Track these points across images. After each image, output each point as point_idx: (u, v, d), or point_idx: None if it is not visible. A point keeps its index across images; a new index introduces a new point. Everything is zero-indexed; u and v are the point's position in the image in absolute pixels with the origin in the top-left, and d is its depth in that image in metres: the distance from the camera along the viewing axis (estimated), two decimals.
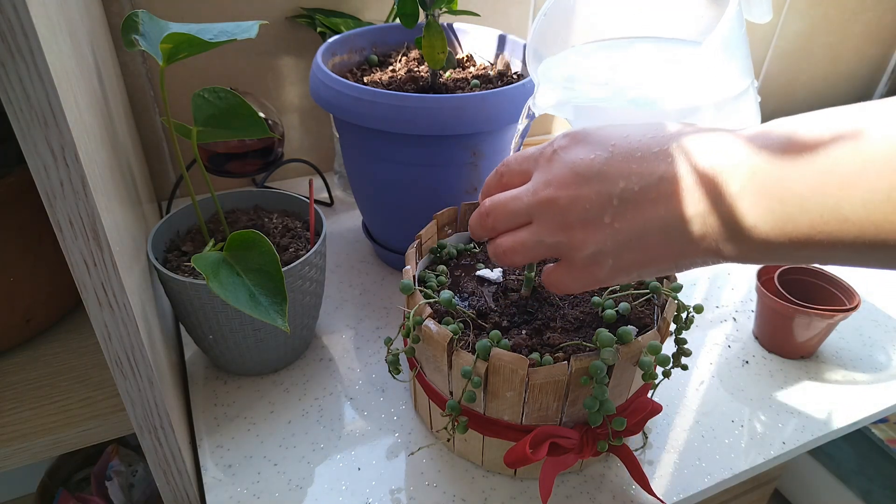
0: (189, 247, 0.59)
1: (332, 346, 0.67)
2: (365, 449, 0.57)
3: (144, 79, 0.80)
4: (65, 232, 0.34)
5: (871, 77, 1.47)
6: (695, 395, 0.64)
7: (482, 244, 0.62)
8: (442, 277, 0.56)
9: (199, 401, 0.61)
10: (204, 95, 0.50)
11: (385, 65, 0.76)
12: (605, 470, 0.56)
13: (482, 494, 0.53)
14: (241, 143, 0.76)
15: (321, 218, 0.61)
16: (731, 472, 0.56)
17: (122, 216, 0.44)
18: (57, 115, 0.31)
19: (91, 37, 0.51)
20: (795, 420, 0.61)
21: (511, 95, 0.62)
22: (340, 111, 0.62)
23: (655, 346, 0.47)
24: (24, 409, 0.49)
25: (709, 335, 0.71)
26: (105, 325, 0.38)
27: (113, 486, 0.81)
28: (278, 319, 0.46)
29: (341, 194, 0.94)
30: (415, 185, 0.67)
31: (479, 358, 0.46)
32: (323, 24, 0.81)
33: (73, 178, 0.32)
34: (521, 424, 0.50)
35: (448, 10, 0.71)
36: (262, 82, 0.87)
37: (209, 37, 0.46)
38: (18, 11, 0.28)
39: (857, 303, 0.65)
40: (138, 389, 0.42)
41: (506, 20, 0.98)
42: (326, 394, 0.62)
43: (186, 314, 0.56)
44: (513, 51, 0.75)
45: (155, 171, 0.87)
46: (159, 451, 0.47)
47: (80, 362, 0.54)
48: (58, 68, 0.31)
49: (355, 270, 0.79)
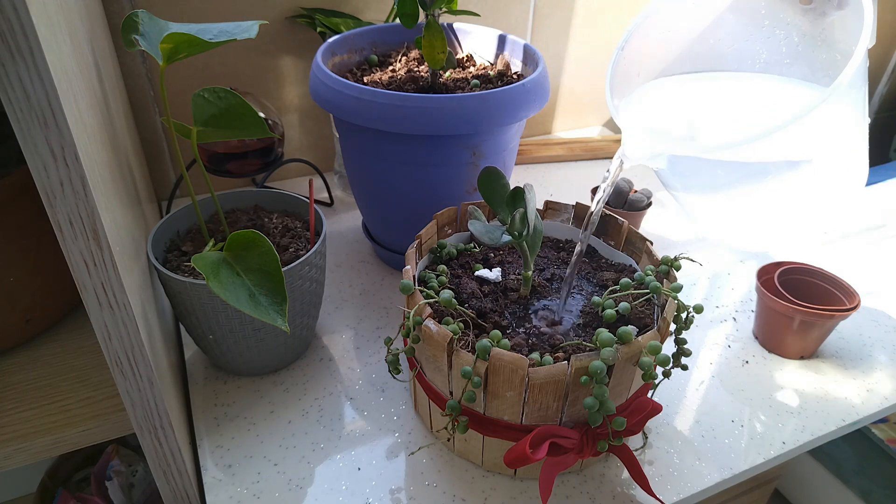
0: (189, 247, 0.59)
1: (332, 346, 0.67)
2: (365, 449, 0.57)
3: (144, 79, 0.80)
4: (65, 232, 0.34)
5: (870, 77, 1.47)
6: (695, 395, 0.64)
7: (482, 244, 0.62)
8: (442, 277, 0.56)
9: (199, 401, 0.61)
10: (204, 95, 0.50)
11: (385, 65, 0.76)
12: (605, 470, 0.56)
13: (482, 494, 0.53)
14: (241, 143, 0.76)
15: (321, 218, 0.61)
16: (731, 472, 0.56)
17: (122, 216, 0.44)
18: (57, 115, 0.31)
19: (91, 37, 0.51)
20: (795, 420, 0.61)
21: (511, 95, 0.62)
22: (340, 111, 0.62)
23: (655, 346, 0.47)
24: (24, 409, 0.49)
25: (709, 335, 0.71)
26: (105, 325, 0.38)
27: (113, 486, 0.81)
28: (278, 319, 0.46)
29: (341, 194, 0.94)
30: (415, 185, 0.67)
31: (479, 358, 0.46)
32: (323, 24, 0.81)
33: (73, 177, 0.32)
34: (521, 424, 0.50)
35: (448, 10, 0.71)
36: (262, 82, 0.87)
37: (209, 37, 0.46)
38: (18, 11, 0.28)
39: (857, 303, 0.65)
40: (138, 389, 0.42)
41: (506, 20, 0.98)
42: (326, 394, 0.62)
43: (186, 314, 0.56)
44: (513, 51, 0.75)
45: (155, 171, 0.87)
46: (159, 451, 0.47)
47: (80, 362, 0.54)
48: (58, 68, 0.31)
49: (355, 270, 0.79)
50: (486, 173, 0.55)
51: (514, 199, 0.53)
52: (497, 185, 0.55)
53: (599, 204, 0.50)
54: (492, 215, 0.62)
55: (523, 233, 0.51)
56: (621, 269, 0.59)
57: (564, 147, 1.06)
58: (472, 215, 0.54)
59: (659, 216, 0.92)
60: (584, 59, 1.08)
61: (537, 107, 0.65)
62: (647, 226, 0.89)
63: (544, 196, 0.95)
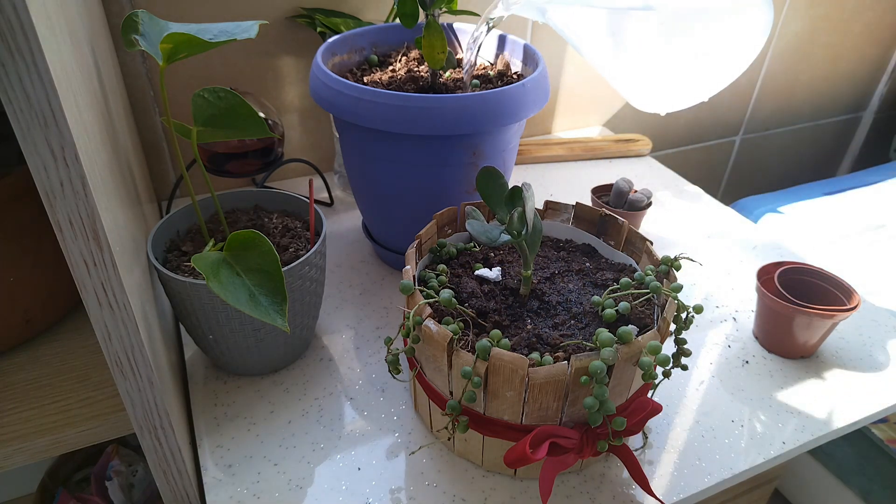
0: (189, 247, 0.59)
1: (332, 346, 0.67)
2: (365, 449, 0.57)
3: (144, 79, 0.80)
4: (65, 232, 0.34)
5: (871, 77, 1.47)
6: (695, 395, 0.64)
7: (481, 243, 0.62)
8: (442, 277, 0.56)
9: (199, 401, 0.61)
10: (204, 95, 0.50)
11: (385, 65, 0.76)
12: (605, 470, 0.56)
13: (482, 494, 0.53)
14: (241, 143, 0.76)
15: (321, 218, 0.61)
16: (731, 472, 0.56)
17: (122, 216, 0.44)
18: (57, 115, 0.31)
19: (91, 37, 0.51)
20: (795, 420, 0.61)
21: (511, 95, 0.62)
22: (340, 111, 0.62)
23: (655, 346, 0.47)
24: (24, 409, 0.49)
25: (709, 335, 0.71)
26: (105, 325, 0.38)
27: (113, 486, 0.81)
28: (278, 319, 0.46)
29: (341, 194, 0.94)
30: (415, 185, 0.67)
31: (479, 358, 0.46)
32: (323, 24, 0.81)
33: (73, 178, 0.32)
34: (521, 424, 0.50)
35: (448, 10, 0.71)
36: (262, 82, 0.87)
37: (209, 37, 0.46)
38: (18, 11, 0.28)
39: (857, 303, 0.65)
40: (138, 389, 0.42)
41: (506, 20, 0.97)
42: (326, 394, 0.62)
43: (186, 314, 0.56)
44: (513, 51, 0.75)
45: (155, 171, 0.87)
46: (159, 451, 0.47)
47: (80, 362, 0.54)
48: (58, 68, 0.31)
49: (355, 270, 0.79)
50: (485, 173, 0.55)
51: (512, 199, 0.53)
52: (495, 185, 0.55)
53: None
54: (491, 215, 0.62)
55: (522, 232, 0.51)
56: (621, 269, 0.59)
57: (564, 147, 1.06)
58: (471, 215, 0.54)
59: (659, 216, 0.92)
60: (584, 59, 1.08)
61: (537, 107, 0.65)
62: (647, 226, 0.89)
63: (544, 196, 0.95)
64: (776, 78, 1.32)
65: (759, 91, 1.32)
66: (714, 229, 0.89)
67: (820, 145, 1.54)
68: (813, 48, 1.32)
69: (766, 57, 1.27)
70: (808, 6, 1.24)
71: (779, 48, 1.27)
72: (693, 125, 1.29)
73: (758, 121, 1.37)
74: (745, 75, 1.27)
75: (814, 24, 1.27)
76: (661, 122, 1.25)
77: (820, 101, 1.44)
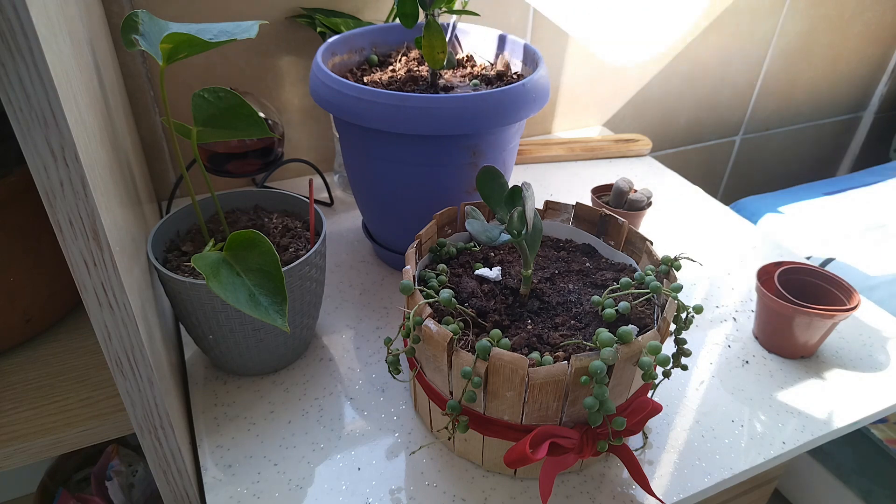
0: (189, 247, 0.59)
1: (332, 346, 0.67)
2: (365, 449, 0.57)
3: (144, 79, 0.80)
4: (65, 232, 0.34)
5: (871, 77, 1.47)
6: (695, 395, 0.64)
7: (481, 243, 0.62)
8: (442, 276, 0.56)
9: (199, 401, 0.61)
10: (204, 95, 0.50)
11: (385, 65, 0.76)
12: (605, 470, 0.56)
13: (482, 494, 0.53)
14: (241, 143, 0.76)
15: (321, 218, 0.61)
16: (731, 472, 0.56)
17: (122, 216, 0.44)
18: (57, 115, 0.31)
19: (91, 37, 0.51)
20: (795, 420, 0.61)
21: (511, 95, 0.62)
22: (340, 111, 0.62)
23: (655, 346, 0.47)
24: (24, 409, 0.49)
25: (709, 335, 0.71)
26: (105, 325, 0.38)
27: (113, 486, 0.81)
28: (278, 319, 0.46)
29: (341, 194, 0.94)
30: (415, 185, 0.67)
31: (479, 358, 0.46)
32: (323, 24, 0.81)
33: (73, 177, 0.32)
34: (521, 424, 0.50)
35: (448, 9, 0.71)
36: (262, 82, 0.87)
37: (209, 37, 0.46)
38: (18, 11, 0.28)
39: (857, 303, 0.65)
40: (138, 389, 0.42)
41: (506, 20, 0.98)
42: (326, 394, 0.62)
43: (186, 314, 0.56)
44: (513, 51, 0.75)
45: (155, 171, 0.87)
46: (159, 451, 0.47)
47: (80, 362, 0.54)
48: (58, 68, 0.31)
49: (355, 270, 0.79)
50: (485, 173, 0.55)
51: (512, 198, 0.53)
52: (495, 185, 0.55)
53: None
54: (491, 215, 0.62)
55: (522, 232, 0.51)
56: (621, 269, 0.59)
57: (564, 147, 1.06)
58: (471, 215, 0.54)
59: (659, 216, 0.92)
60: (584, 59, 1.08)
61: (537, 107, 0.65)
62: (647, 226, 0.89)
63: (544, 196, 0.95)
64: (776, 78, 1.32)
65: (759, 91, 1.32)
66: (714, 229, 0.89)
67: (820, 145, 1.54)
68: (813, 48, 1.32)
69: (766, 57, 1.27)
70: (808, 6, 1.24)
71: (779, 48, 1.27)
72: (693, 125, 1.29)
73: (758, 121, 1.37)
74: (745, 75, 1.27)
75: (814, 24, 1.27)
76: (661, 122, 1.25)
77: (820, 101, 1.44)
